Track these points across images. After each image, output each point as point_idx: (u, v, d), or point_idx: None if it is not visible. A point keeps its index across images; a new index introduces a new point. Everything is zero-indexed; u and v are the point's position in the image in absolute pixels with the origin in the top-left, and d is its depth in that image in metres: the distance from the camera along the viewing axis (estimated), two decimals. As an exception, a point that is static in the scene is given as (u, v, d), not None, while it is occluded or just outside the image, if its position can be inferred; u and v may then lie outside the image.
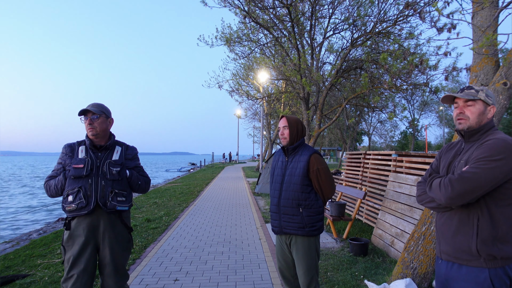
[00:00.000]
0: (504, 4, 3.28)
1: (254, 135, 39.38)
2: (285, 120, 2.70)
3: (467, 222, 1.67)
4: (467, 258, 1.67)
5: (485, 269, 1.62)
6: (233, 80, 12.84)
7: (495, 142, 1.62)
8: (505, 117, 26.69)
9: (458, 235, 1.70)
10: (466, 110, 1.76)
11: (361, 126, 34.07)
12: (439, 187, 1.68)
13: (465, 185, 1.57)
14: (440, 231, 1.82)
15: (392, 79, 7.51)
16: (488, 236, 1.62)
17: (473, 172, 1.58)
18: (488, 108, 1.75)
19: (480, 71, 3.37)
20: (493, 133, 1.71)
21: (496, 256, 1.61)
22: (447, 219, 1.77)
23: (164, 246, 5.38)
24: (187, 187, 14.66)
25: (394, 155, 5.95)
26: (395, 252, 4.66)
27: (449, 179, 1.64)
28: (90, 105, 2.56)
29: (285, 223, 2.63)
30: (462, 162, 1.72)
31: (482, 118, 1.75)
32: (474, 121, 1.75)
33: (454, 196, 1.60)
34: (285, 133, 2.68)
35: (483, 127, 1.74)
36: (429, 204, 1.81)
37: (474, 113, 1.74)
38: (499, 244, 1.61)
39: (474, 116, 1.74)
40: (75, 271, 2.40)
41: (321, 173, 2.59)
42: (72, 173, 2.46)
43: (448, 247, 1.75)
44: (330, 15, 8.75)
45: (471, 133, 1.76)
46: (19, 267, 4.53)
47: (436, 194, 1.70)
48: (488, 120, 1.76)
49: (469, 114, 1.75)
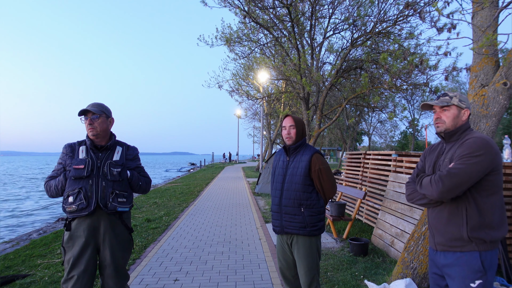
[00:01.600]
0: (504, 4, 3.28)
1: (254, 135, 39.41)
2: (292, 120, 2.69)
3: (457, 213, 1.87)
4: (460, 245, 1.86)
5: (477, 252, 1.82)
6: (233, 80, 12.84)
7: (474, 140, 1.83)
8: (505, 117, 26.68)
9: (450, 225, 1.89)
10: (442, 115, 1.99)
11: (361, 126, 34.05)
12: (430, 183, 1.86)
13: (453, 180, 1.77)
14: (432, 224, 2.01)
15: (392, 79, 7.51)
16: (477, 223, 1.82)
17: (459, 168, 1.78)
18: (462, 111, 1.97)
19: (480, 71, 3.37)
20: (470, 133, 1.93)
21: (485, 240, 1.81)
22: (438, 213, 1.95)
23: (164, 246, 5.38)
24: (187, 187, 14.66)
25: (394, 155, 5.95)
26: (395, 252, 4.66)
27: (439, 176, 1.83)
28: (90, 105, 2.54)
29: (286, 222, 2.63)
30: (446, 160, 1.93)
31: (457, 121, 1.97)
32: (449, 124, 1.98)
33: (445, 190, 1.79)
34: (291, 133, 2.67)
35: (460, 129, 1.96)
36: (420, 201, 2.00)
37: (449, 117, 1.97)
38: (487, 230, 1.82)
39: (449, 120, 1.97)
40: (75, 272, 2.40)
41: (322, 172, 2.59)
42: (73, 173, 2.45)
43: (442, 238, 1.93)
44: (330, 15, 8.74)
45: (450, 135, 1.98)
46: (19, 267, 4.53)
47: (427, 190, 1.88)
48: (463, 122, 1.97)
49: (445, 119, 1.98)
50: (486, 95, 3.22)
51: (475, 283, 1.80)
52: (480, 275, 1.80)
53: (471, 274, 1.81)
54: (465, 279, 1.82)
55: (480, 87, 3.33)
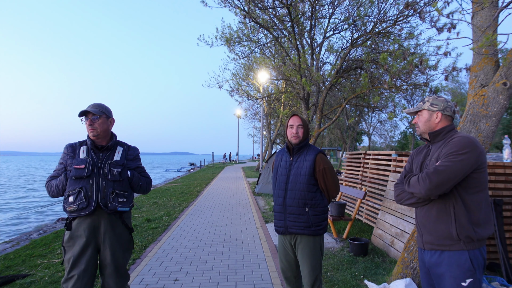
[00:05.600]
0: (504, 4, 3.28)
1: (254, 135, 39.43)
2: (299, 119, 2.69)
3: (445, 211, 1.89)
4: (449, 243, 1.88)
5: (465, 251, 1.85)
6: (233, 80, 12.85)
7: (459, 139, 1.87)
8: (505, 117, 26.68)
9: (438, 223, 1.92)
10: (418, 120, 2.09)
11: (361, 126, 34.06)
12: (417, 181, 1.90)
13: (440, 177, 1.81)
14: (421, 223, 2.03)
15: (392, 79, 7.51)
16: (465, 221, 1.84)
17: (446, 165, 1.82)
18: (435, 115, 2.02)
19: (480, 71, 3.37)
20: (455, 133, 1.96)
21: (473, 238, 1.84)
22: (427, 212, 1.98)
23: (164, 246, 5.39)
24: (187, 187, 14.66)
25: (394, 155, 5.95)
26: (395, 252, 4.67)
27: (426, 173, 1.87)
28: (90, 106, 2.55)
29: (290, 222, 2.62)
30: (433, 159, 1.96)
31: (428, 124, 2.03)
32: (423, 128, 2.06)
33: (432, 187, 1.83)
34: (299, 132, 2.67)
35: (442, 130, 2.00)
36: (408, 201, 2.03)
37: (421, 121, 2.07)
38: (474, 227, 1.84)
39: (421, 124, 2.07)
40: (75, 272, 2.40)
41: (327, 172, 2.60)
42: (73, 173, 2.45)
43: (431, 237, 1.95)
44: (330, 15, 8.75)
45: (434, 135, 2.02)
46: (19, 267, 4.53)
47: (415, 188, 1.91)
48: (442, 125, 2.01)
49: (419, 123, 2.08)
50: (486, 95, 3.22)
51: (466, 282, 1.83)
52: (470, 274, 1.83)
53: (462, 273, 1.83)
54: (456, 279, 1.84)
55: (480, 87, 3.34)
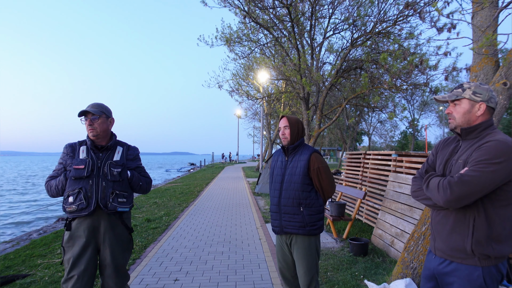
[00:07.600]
0: (504, 4, 3.28)
1: (254, 135, 39.41)
2: (286, 120, 2.72)
3: (463, 221, 1.67)
4: (461, 256, 1.68)
5: (479, 267, 1.63)
6: (233, 80, 12.85)
7: (495, 144, 1.58)
8: (505, 117, 26.68)
9: (454, 234, 1.70)
10: (453, 110, 1.77)
11: (361, 126, 34.04)
12: (437, 188, 1.65)
13: (464, 188, 1.55)
14: (435, 228, 1.83)
15: (392, 79, 7.51)
16: (483, 236, 1.62)
17: (473, 175, 1.55)
18: (477, 105, 1.70)
19: (480, 71, 3.37)
20: (492, 134, 1.66)
21: (490, 256, 1.62)
22: (443, 218, 1.76)
23: (164, 246, 5.38)
24: (187, 187, 14.66)
25: (394, 155, 5.95)
26: (395, 252, 4.67)
27: (448, 182, 1.60)
28: (90, 105, 2.55)
29: (285, 222, 2.63)
30: (460, 161, 1.70)
31: (469, 117, 1.72)
32: (460, 121, 1.74)
33: (452, 199, 1.58)
34: (286, 133, 2.69)
35: (479, 126, 1.70)
36: (425, 201, 1.80)
37: (459, 112, 1.74)
38: (493, 244, 1.62)
39: (459, 116, 1.74)
40: (75, 272, 2.40)
41: (321, 171, 2.60)
42: (73, 173, 2.45)
43: (443, 245, 1.76)
44: (330, 15, 8.74)
45: (467, 132, 1.73)
46: (19, 267, 4.53)
47: (434, 195, 1.68)
48: (482, 119, 1.71)
49: (455, 114, 1.76)
50: (486, 95, 3.22)
51: None
52: None
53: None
54: None
55: (480, 87, 3.33)
